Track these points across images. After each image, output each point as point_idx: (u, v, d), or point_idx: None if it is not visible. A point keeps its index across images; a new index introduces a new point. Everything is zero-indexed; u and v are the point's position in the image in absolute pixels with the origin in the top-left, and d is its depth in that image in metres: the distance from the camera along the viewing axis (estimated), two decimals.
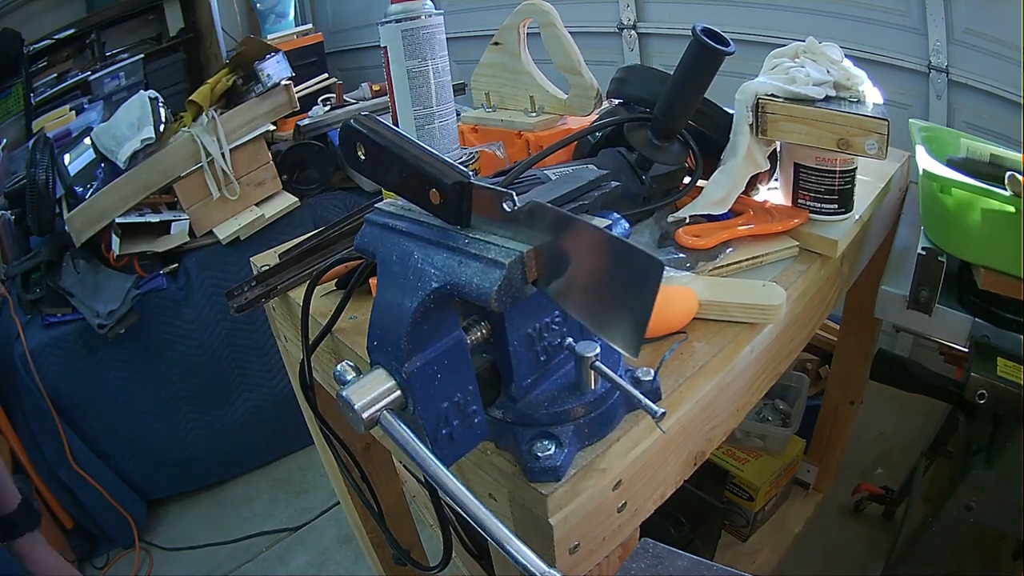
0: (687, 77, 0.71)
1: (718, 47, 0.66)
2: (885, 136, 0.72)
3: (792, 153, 0.81)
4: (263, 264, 0.91)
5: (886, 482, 1.61)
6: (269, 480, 2.07)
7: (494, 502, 0.55)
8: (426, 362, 0.43)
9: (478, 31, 2.68)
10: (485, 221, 0.42)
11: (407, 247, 0.45)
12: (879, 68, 1.67)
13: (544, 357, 0.51)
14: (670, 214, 0.80)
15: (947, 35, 1.58)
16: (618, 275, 0.35)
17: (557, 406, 0.50)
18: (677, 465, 0.62)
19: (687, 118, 0.75)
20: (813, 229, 0.80)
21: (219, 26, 2.59)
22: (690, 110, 0.74)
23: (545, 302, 0.49)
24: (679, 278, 0.71)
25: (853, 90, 0.78)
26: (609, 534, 0.55)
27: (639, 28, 2.20)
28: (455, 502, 0.40)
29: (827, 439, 1.55)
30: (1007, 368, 0.83)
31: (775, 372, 0.79)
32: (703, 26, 0.67)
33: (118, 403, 1.81)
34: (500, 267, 0.38)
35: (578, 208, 0.48)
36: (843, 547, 1.55)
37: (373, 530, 1.16)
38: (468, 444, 0.49)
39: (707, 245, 0.76)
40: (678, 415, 0.58)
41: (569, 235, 0.38)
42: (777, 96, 0.78)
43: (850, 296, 1.28)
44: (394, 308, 0.43)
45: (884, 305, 0.93)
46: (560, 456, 0.49)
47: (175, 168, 1.76)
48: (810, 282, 0.77)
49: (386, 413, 0.43)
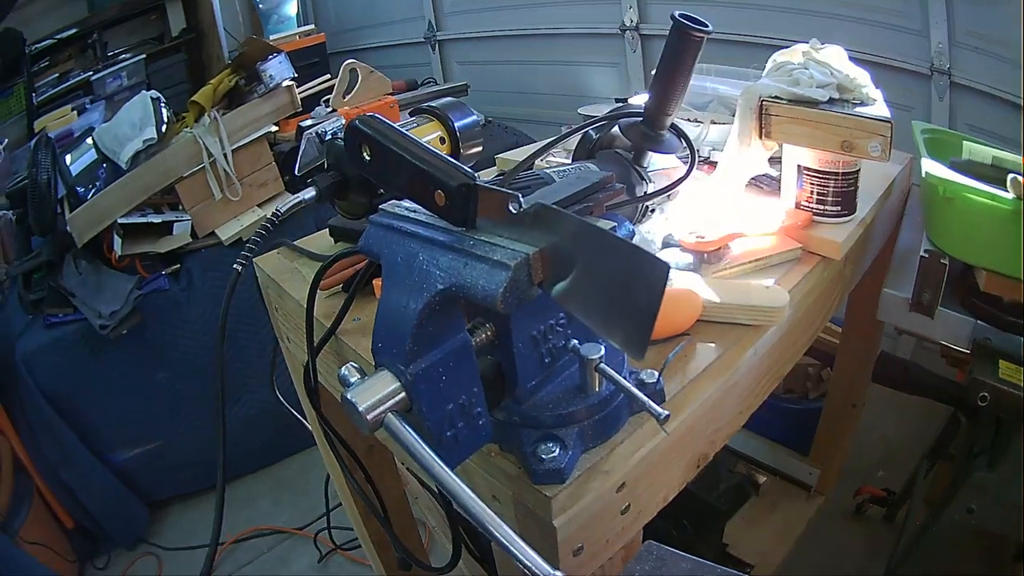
0: (672, 63, 0.71)
1: (695, 27, 0.67)
2: (888, 138, 0.72)
3: (795, 155, 0.81)
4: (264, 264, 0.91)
5: (888, 484, 1.61)
6: (271, 481, 2.07)
7: (498, 504, 0.55)
8: (431, 364, 0.43)
9: (479, 31, 2.69)
10: (491, 223, 0.42)
11: (412, 248, 0.45)
12: (881, 70, 1.67)
13: (549, 359, 0.51)
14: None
15: (949, 37, 1.58)
16: (623, 277, 0.35)
17: (561, 408, 0.50)
18: (681, 467, 0.62)
19: (677, 104, 0.75)
20: (816, 231, 0.80)
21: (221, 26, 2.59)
22: (679, 95, 0.74)
23: (550, 304, 0.49)
24: (683, 280, 0.71)
25: (856, 92, 0.78)
26: (613, 536, 0.55)
27: (642, 29, 2.20)
28: (459, 504, 0.40)
29: (829, 442, 1.55)
30: (1009, 371, 0.83)
31: (778, 374, 0.79)
32: (682, 12, 0.68)
33: (120, 403, 1.81)
34: (506, 269, 0.38)
35: (583, 210, 0.48)
36: (845, 549, 1.55)
37: (376, 531, 1.16)
38: (473, 446, 0.49)
39: (710, 247, 0.76)
40: (682, 417, 0.58)
41: (575, 237, 0.38)
42: (780, 98, 0.78)
43: (852, 298, 1.28)
44: (399, 310, 0.43)
45: (886, 307, 0.93)
46: (564, 458, 0.49)
47: (177, 169, 1.76)
48: (813, 284, 0.77)
49: (391, 415, 0.43)
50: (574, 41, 2.40)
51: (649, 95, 0.75)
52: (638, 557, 0.39)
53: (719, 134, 0.98)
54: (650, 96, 0.74)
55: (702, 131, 1.00)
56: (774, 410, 1.62)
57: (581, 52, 2.41)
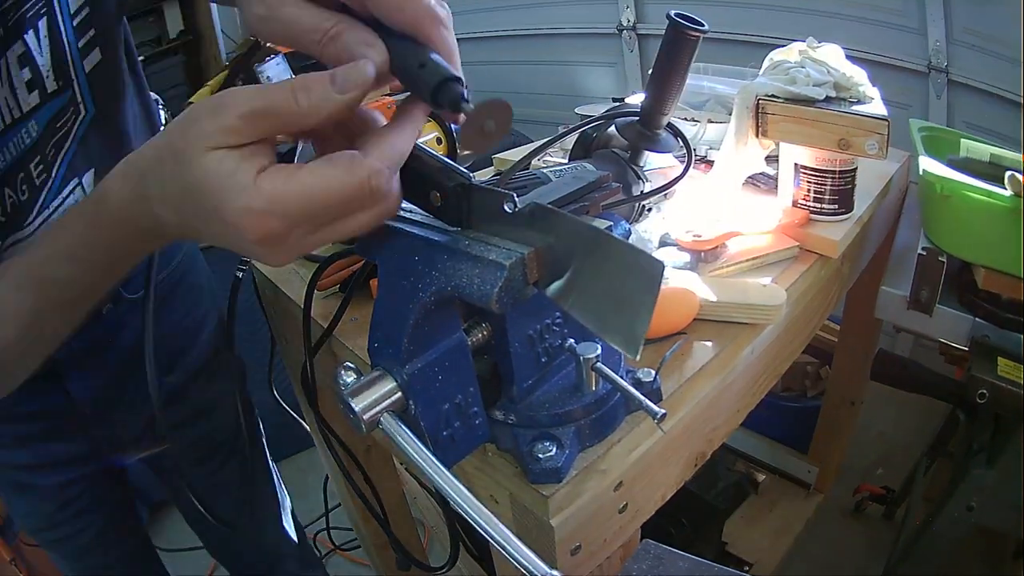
0: (668, 62, 0.71)
1: (691, 26, 0.67)
2: (885, 136, 0.72)
3: (792, 154, 0.81)
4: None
5: (887, 482, 1.61)
6: None
7: (495, 504, 0.55)
8: (427, 364, 0.43)
9: (476, 32, 2.68)
10: (486, 222, 0.42)
11: (408, 249, 0.45)
12: (878, 68, 1.67)
13: (545, 358, 0.51)
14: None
15: (947, 35, 1.58)
16: (619, 276, 0.35)
17: (558, 407, 0.50)
18: (678, 466, 0.62)
19: (674, 103, 0.75)
20: (813, 229, 0.80)
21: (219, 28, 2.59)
22: (675, 95, 0.74)
23: (546, 303, 0.49)
24: (680, 279, 0.71)
25: (853, 91, 0.78)
26: (610, 535, 0.55)
27: (639, 29, 2.20)
28: (456, 504, 0.40)
29: (828, 439, 1.55)
30: (1007, 368, 0.83)
31: (776, 373, 0.79)
32: (678, 11, 0.68)
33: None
34: (501, 269, 0.38)
35: (579, 209, 0.48)
36: (844, 547, 1.55)
37: (375, 532, 1.16)
38: (469, 446, 0.49)
39: (707, 246, 0.76)
40: (679, 416, 0.58)
41: (570, 236, 0.38)
42: (777, 97, 0.78)
43: (850, 296, 1.28)
44: (395, 310, 0.43)
45: (884, 305, 0.94)
46: (561, 457, 0.49)
47: None
48: (810, 282, 0.77)
49: (387, 415, 0.43)
50: (571, 41, 2.40)
51: (646, 94, 0.75)
52: (636, 556, 0.39)
53: (716, 133, 0.98)
54: (646, 95, 0.74)
55: (699, 130, 1.00)
56: (772, 408, 1.62)
57: (578, 52, 2.41)
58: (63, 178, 0.65)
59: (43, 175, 0.63)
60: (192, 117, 0.37)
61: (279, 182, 0.35)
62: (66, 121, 0.64)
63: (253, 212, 0.35)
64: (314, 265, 0.73)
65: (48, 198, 0.64)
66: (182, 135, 0.37)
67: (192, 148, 0.36)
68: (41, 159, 0.62)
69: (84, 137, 0.65)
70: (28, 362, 0.53)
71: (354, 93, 0.37)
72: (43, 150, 0.62)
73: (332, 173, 0.36)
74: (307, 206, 0.36)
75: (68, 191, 0.65)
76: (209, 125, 0.35)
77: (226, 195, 0.35)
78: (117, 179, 0.41)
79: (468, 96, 0.37)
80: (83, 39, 0.63)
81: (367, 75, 0.37)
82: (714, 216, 0.80)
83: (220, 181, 0.35)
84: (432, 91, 0.37)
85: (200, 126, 0.36)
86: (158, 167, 0.38)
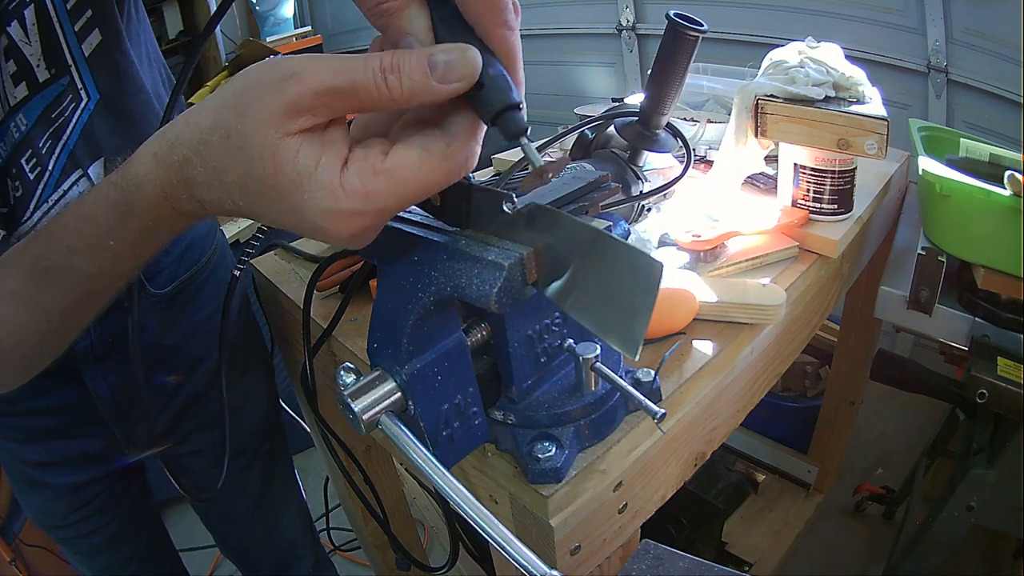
0: (667, 62, 0.71)
1: (690, 26, 0.67)
2: (885, 136, 0.72)
3: (791, 153, 0.81)
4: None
5: (887, 482, 1.61)
6: None
7: (495, 504, 0.55)
8: (426, 364, 0.43)
9: None
10: (485, 222, 0.42)
11: (407, 249, 0.45)
12: (878, 68, 1.67)
13: (544, 359, 0.51)
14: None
15: (946, 35, 1.58)
16: (618, 276, 0.35)
17: (558, 408, 0.50)
18: (678, 466, 0.62)
19: (673, 103, 0.75)
20: (813, 229, 0.80)
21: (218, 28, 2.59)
22: (674, 95, 0.74)
23: (545, 303, 0.49)
24: (679, 279, 0.71)
25: (852, 90, 0.78)
26: (610, 535, 0.55)
27: (638, 29, 2.20)
28: (456, 504, 0.40)
29: (827, 439, 1.55)
30: (1007, 368, 0.83)
31: (775, 372, 0.79)
32: (677, 11, 0.68)
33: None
34: (500, 269, 0.38)
35: (578, 209, 0.48)
36: (844, 547, 1.55)
37: (375, 532, 1.16)
38: (469, 446, 0.49)
39: (707, 246, 0.76)
40: (678, 416, 0.58)
41: (569, 237, 0.38)
42: (776, 97, 0.78)
43: (850, 296, 1.28)
44: (394, 310, 0.43)
45: (884, 305, 0.93)
46: (561, 458, 0.49)
47: None
48: (810, 282, 0.77)
49: (386, 415, 0.43)
50: (571, 41, 2.40)
51: (645, 95, 0.75)
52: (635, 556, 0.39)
53: (715, 133, 0.98)
54: (646, 95, 0.74)
55: (698, 130, 1.00)
56: (772, 408, 1.62)
57: (578, 52, 2.41)
58: (63, 170, 0.62)
59: (36, 168, 0.60)
60: (248, 90, 0.32)
61: (368, 178, 0.32)
62: (63, 110, 0.61)
63: (343, 213, 0.32)
64: (314, 265, 0.73)
65: (46, 192, 0.62)
66: (239, 113, 0.32)
67: (257, 133, 0.31)
68: (33, 152, 0.60)
69: (88, 126, 0.63)
70: (47, 352, 0.50)
71: (457, 85, 0.32)
72: (35, 143, 0.60)
73: (430, 166, 0.33)
74: (403, 201, 0.33)
75: (69, 183, 0.63)
76: (275, 102, 0.31)
77: (310, 195, 0.32)
78: (149, 162, 0.36)
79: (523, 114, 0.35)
80: (79, 22, 0.60)
81: (475, 67, 0.32)
82: (713, 216, 0.80)
83: (300, 180, 0.32)
84: (493, 116, 0.35)
85: (264, 103, 0.31)
86: (204, 150, 0.33)
